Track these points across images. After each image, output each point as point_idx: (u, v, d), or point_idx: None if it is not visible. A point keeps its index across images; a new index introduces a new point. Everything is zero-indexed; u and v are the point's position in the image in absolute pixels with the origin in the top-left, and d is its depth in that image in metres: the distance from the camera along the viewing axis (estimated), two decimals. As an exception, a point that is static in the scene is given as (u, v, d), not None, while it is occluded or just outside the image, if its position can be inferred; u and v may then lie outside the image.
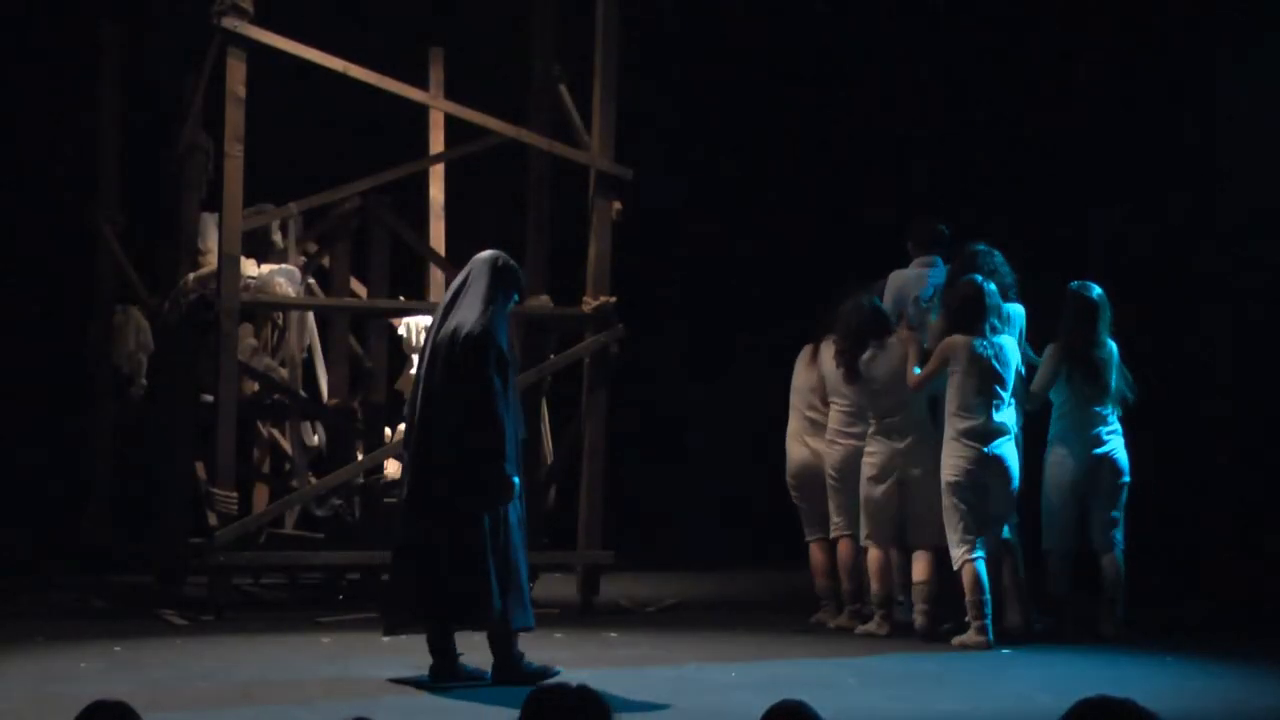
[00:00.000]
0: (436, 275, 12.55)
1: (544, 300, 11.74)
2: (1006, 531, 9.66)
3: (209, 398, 11.20)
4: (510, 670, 8.00)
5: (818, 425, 10.30)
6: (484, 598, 7.83)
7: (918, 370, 9.66)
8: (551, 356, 11.39)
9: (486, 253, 8.23)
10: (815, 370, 10.37)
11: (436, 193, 12.70)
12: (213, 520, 10.68)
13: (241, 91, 10.49)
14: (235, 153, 10.48)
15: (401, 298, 12.11)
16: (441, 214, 12.71)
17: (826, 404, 10.24)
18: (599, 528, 11.05)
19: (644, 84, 12.21)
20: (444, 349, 7.95)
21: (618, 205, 11.14)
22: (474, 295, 8.03)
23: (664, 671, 8.46)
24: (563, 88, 11.60)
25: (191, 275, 11.48)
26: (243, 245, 10.78)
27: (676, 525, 14.02)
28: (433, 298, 12.43)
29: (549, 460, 11.66)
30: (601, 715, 3.70)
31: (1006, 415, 9.50)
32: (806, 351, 10.49)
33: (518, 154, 11.97)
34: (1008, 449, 9.50)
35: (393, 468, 12.07)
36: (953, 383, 9.48)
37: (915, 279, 10.16)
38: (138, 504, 12.01)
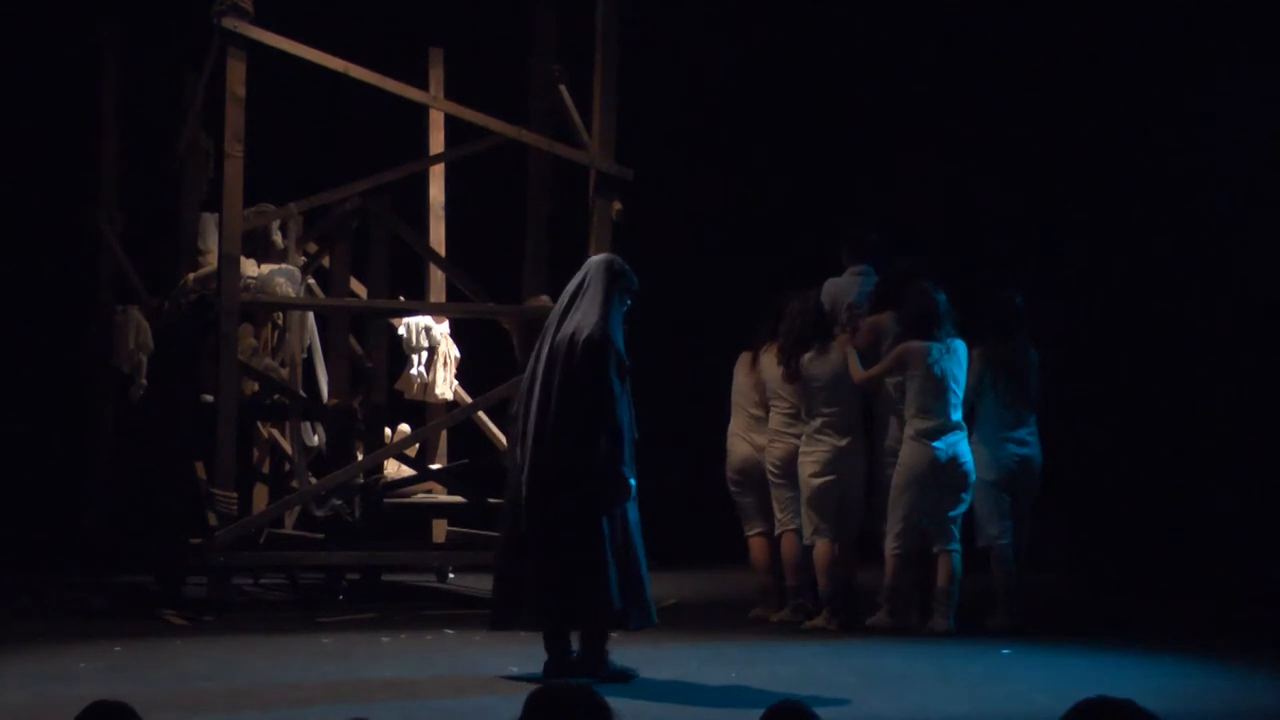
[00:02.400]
0: (436, 275, 12.55)
1: (544, 300, 11.74)
2: (956, 536, 10.04)
3: (209, 398, 11.20)
4: (596, 666, 8.06)
5: (760, 422, 10.59)
6: (603, 598, 7.90)
7: (863, 368, 10.12)
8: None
9: (601, 255, 8.34)
10: (756, 374, 10.68)
11: (436, 193, 12.71)
12: (213, 520, 10.67)
13: (241, 91, 10.49)
14: (235, 153, 10.48)
15: (401, 298, 12.11)
16: (441, 214, 12.72)
17: (767, 406, 10.56)
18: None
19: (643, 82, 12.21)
20: (563, 352, 8.01)
21: (618, 205, 11.14)
22: (591, 299, 8.11)
23: (664, 672, 8.45)
24: (563, 88, 11.60)
25: (191, 275, 11.49)
26: (243, 245, 10.79)
27: (676, 525, 14.00)
28: (433, 298, 12.44)
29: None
30: (602, 715, 3.69)
31: (960, 415, 10.01)
32: (746, 357, 10.79)
33: (518, 154, 11.98)
34: (964, 446, 9.99)
35: (392, 468, 12.08)
36: (911, 386, 9.96)
37: (848, 286, 10.56)
38: (138, 504, 12.00)
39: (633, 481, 7.99)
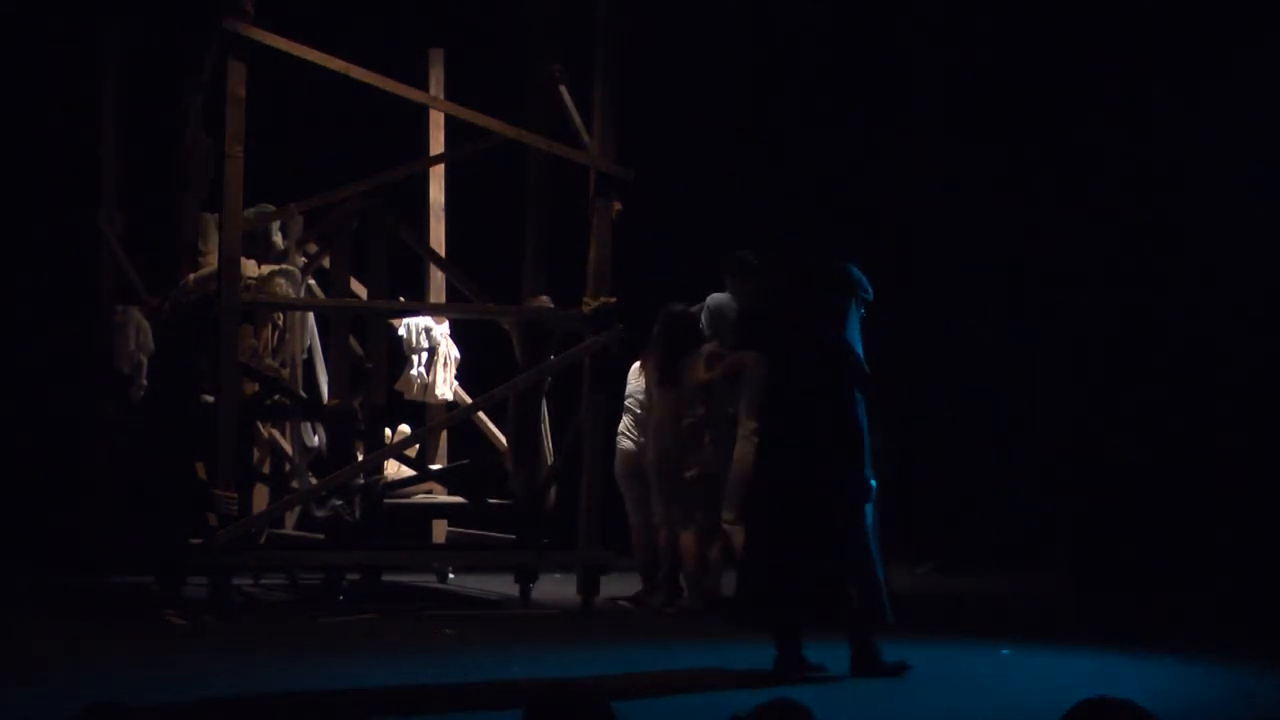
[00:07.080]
0: (436, 275, 12.55)
1: (544, 300, 11.74)
2: None
3: (209, 398, 11.20)
4: (869, 663, 8.21)
5: (644, 423, 11.18)
6: (843, 595, 8.08)
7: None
8: (552, 357, 11.39)
9: (836, 263, 8.35)
10: (645, 378, 11.24)
11: (436, 193, 12.71)
12: (213, 520, 10.67)
13: (242, 92, 10.48)
14: (235, 153, 10.47)
15: (401, 298, 12.10)
16: (441, 214, 12.72)
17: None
18: (599, 528, 11.06)
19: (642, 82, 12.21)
20: (803, 357, 8.12)
21: (618, 205, 11.15)
22: (825, 304, 8.16)
23: (664, 672, 8.45)
24: (563, 88, 11.60)
25: (191, 275, 11.48)
26: (243, 245, 10.79)
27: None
28: (433, 298, 12.44)
29: (549, 460, 11.66)
30: (603, 716, 3.69)
31: None
32: (638, 363, 11.32)
33: (518, 154, 11.98)
34: None
35: (392, 468, 12.08)
36: (745, 392, 10.48)
37: (729, 302, 11.01)
38: (138, 504, 12.00)
39: (873, 483, 8.10)
